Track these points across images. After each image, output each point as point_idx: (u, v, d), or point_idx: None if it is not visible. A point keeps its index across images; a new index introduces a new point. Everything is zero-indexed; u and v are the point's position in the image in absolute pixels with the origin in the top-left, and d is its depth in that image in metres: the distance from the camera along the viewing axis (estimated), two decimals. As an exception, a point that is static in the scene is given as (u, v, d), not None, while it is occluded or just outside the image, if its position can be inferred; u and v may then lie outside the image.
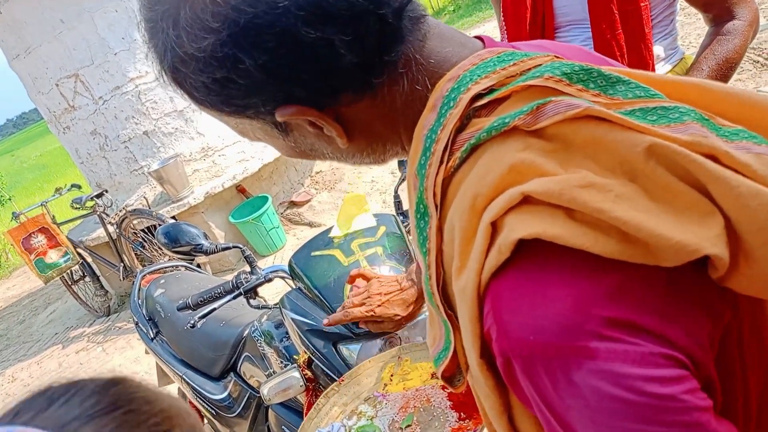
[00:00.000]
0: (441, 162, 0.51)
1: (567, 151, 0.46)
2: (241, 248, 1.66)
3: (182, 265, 2.80)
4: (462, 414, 1.03)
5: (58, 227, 4.65)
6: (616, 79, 0.48)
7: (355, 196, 1.57)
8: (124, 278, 4.66)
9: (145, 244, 4.55)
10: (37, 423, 0.37)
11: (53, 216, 4.72)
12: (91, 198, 4.34)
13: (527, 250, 0.44)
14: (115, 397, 0.40)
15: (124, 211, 4.36)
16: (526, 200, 0.44)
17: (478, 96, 0.51)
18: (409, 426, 1.05)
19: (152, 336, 2.36)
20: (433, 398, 1.08)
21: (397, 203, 1.75)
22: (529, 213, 0.44)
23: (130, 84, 4.62)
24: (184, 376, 2.15)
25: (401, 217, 1.68)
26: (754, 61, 4.54)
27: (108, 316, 4.99)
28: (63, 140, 5.21)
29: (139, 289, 2.57)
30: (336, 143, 0.57)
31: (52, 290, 6.27)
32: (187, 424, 0.41)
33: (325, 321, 1.21)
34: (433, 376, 1.13)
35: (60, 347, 4.83)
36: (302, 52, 0.49)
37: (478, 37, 0.59)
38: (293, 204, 5.23)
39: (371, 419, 1.09)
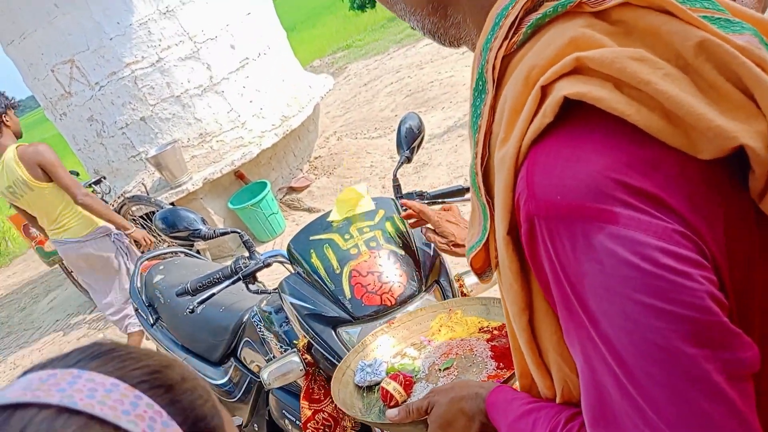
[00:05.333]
0: (506, 37, 0.51)
1: (627, 36, 0.46)
2: (239, 233, 1.65)
3: (181, 252, 2.80)
4: (501, 364, 1.04)
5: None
6: None
7: (353, 189, 1.55)
8: (123, 265, 4.65)
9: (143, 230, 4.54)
10: (47, 368, 0.38)
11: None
12: (89, 185, 4.31)
13: (571, 118, 0.44)
14: (111, 346, 0.40)
15: (122, 198, 4.34)
16: (579, 70, 0.44)
17: None
18: (447, 369, 1.07)
19: (152, 322, 2.36)
20: (476, 348, 1.10)
21: (396, 186, 1.73)
22: (579, 79, 0.44)
23: (126, 69, 4.57)
24: (184, 362, 2.15)
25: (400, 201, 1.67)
26: None
27: (108, 302, 4.99)
28: (60, 127, 5.18)
29: (138, 276, 2.57)
30: None
31: (52, 278, 6.27)
32: (180, 370, 0.41)
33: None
34: (481, 330, 1.15)
35: (61, 334, 4.84)
36: None
37: None
38: (292, 189, 5.21)
39: (413, 360, 1.12)
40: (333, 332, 1.36)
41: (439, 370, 1.08)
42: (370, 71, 9.00)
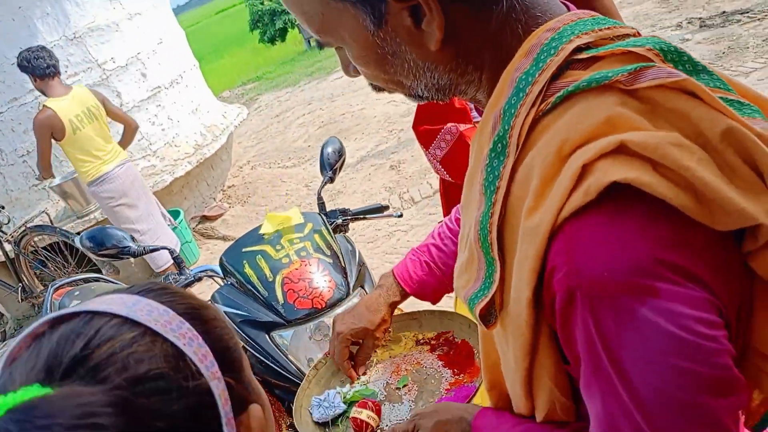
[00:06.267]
0: (533, 104, 0.53)
1: (653, 113, 0.49)
2: (169, 249, 1.71)
3: (95, 277, 2.75)
4: (455, 370, 1.06)
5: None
6: (702, 67, 0.52)
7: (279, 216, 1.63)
8: (22, 300, 4.40)
9: (47, 262, 4.33)
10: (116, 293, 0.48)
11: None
12: (-15, 215, 4.09)
13: (609, 196, 0.47)
14: (163, 285, 0.52)
15: (23, 228, 4.13)
16: (620, 149, 0.47)
17: (577, 50, 0.53)
18: (405, 386, 1.07)
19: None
20: (424, 361, 1.11)
21: (321, 204, 1.86)
22: (622, 161, 0.47)
23: (29, 95, 4.41)
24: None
25: (325, 217, 1.80)
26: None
27: (3, 341, 4.67)
28: (-50, 155, 4.86)
29: (51, 303, 2.49)
30: (426, 46, 0.56)
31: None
32: (213, 312, 0.53)
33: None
34: (418, 343, 1.16)
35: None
36: None
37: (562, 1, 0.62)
38: (206, 218, 5.18)
39: (365, 384, 1.11)
40: (267, 336, 1.45)
41: (397, 388, 1.07)
42: (281, 103, 9.11)
